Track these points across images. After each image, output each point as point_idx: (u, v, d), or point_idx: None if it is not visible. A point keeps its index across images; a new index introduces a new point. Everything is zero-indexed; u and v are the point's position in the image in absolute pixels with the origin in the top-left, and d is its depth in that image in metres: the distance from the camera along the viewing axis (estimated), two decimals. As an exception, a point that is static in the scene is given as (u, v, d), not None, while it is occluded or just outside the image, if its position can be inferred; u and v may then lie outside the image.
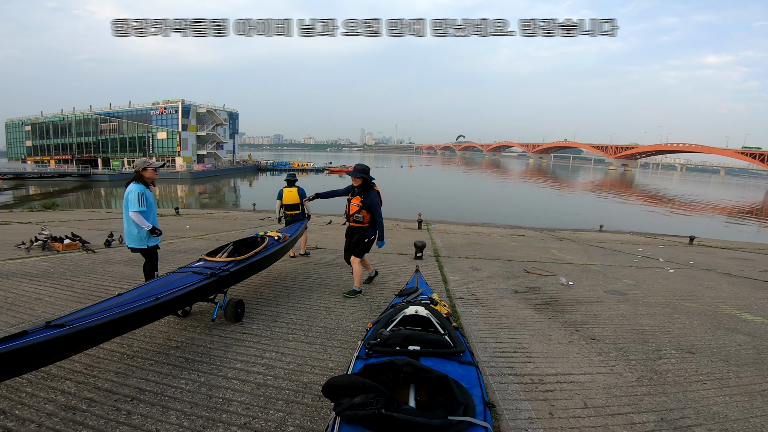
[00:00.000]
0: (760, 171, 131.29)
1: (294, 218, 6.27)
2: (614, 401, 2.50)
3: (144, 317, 2.63)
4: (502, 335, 3.55)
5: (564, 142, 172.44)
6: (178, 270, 3.43)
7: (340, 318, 3.78)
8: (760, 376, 2.94)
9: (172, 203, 26.74)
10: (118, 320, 2.41)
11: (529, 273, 6.26)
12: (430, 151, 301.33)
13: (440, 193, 37.71)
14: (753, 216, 34.32)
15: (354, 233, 4.63)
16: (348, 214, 4.57)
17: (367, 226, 4.52)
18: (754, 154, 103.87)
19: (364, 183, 4.47)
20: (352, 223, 4.54)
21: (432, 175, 69.37)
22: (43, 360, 2.12)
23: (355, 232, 4.61)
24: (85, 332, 2.21)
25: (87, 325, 2.23)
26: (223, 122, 59.06)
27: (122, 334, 2.66)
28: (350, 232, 4.70)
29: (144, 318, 2.65)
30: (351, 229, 4.66)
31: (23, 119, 63.56)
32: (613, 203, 37.87)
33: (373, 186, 4.54)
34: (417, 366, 1.68)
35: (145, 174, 3.82)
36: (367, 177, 4.46)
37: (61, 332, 2.10)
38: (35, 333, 2.05)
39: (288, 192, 6.21)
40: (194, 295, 3.10)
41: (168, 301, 2.78)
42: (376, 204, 4.48)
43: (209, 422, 2.11)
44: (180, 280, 3.09)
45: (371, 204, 4.44)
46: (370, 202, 4.44)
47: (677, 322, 4.14)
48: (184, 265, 3.61)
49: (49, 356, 2.14)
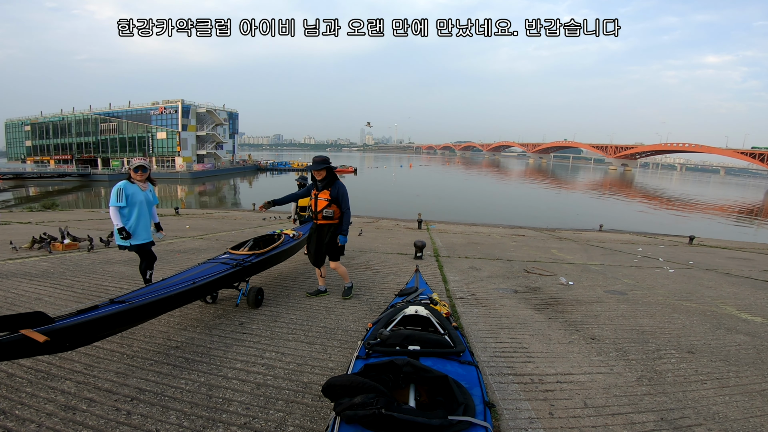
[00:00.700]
0: (759, 171, 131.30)
1: (308, 218, 6.59)
2: (614, 401, 2.50)
3: (184, 298, 3.09)
4: (501, 335, 3.55)
5: (564, 142, 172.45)
6: (207, 261, 3.89)
7: (340, 318, 3.78)
8: (760, 375, 2.94)
9: (172, 203, 26.73)
10: (166, 299, 2.83)
11: (529, 273, 6.27)
12: (430, 151, 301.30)
13: (440, 193, 37.72)
14: (753, 216, 34.33)
15: (324, 233, 4.23)
16: (315, 211, 4.21)
17: (338, 222, 4.20)
18: (753, 154, 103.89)
19: (328, 174, 4.15)
20: (321, 220, 4.19)
21: (432, 174, 69.38)
22: (109, 330, 2.51)
23: (325, 232, 4.22)
24: (141, 308, 2.62)
25: (143, 302, 2.64)
26: (223, 122, 59.04)
27: (168, 311, 3.10)
28: (319, 232, 4.26)
29: (184, 299, 3.10)
30: (320, 228, 4.25)
31: (23, 119, 63.51)
32: (613, 203, 37.88)
33: (337, 177, 4.21)
34: (417, 366, 1.67)
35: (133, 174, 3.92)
36: (330, 167, 4.15)
37: (123, 307, 2.50)
38: (104, 307, 2.45)
39: None
40: (222, 281, 3.57)
41: (202, 285, 3.25)
42: (346, 195, 4.17)
43: (209, 422, 2.11)
44: (211, 269, 3.55)
45: (340, 196, 4.12)
46: (338, 193, 4.11)
47: (677, 321, 4.14)
48: (212, 257, 4.10)
49: (114, 327, 2.54)
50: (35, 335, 1.97)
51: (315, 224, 4.28)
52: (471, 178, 65.44)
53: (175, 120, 52.72)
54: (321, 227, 4.24)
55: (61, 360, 2.69)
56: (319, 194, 4.15)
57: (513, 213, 25.62)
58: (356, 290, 4.75)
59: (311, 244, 4.32)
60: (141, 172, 3.92)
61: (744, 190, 70.48)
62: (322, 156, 4.19)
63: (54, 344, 2.09)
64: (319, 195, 4.15)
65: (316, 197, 4.18)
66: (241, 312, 3.81)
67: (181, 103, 52.63)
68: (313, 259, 4.35)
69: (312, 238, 4.32)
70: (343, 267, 4.41)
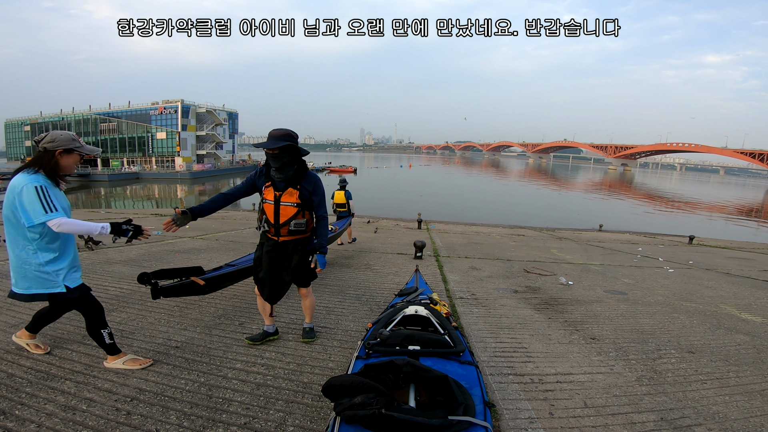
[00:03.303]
0: (759, 170, 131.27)
1: (341, 214, 7.89)
2: (614, 401, 2.50)
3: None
4: (501, 335, 3.55)
5: (563, 142, 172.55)
6: None
7: (340, 318, 3.78)
8: (760, 375, 2.94)
9: (172, 203, 26.71)
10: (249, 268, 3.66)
11: (529, 273, 6.27)
12: (430, 151, 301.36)
13: (440, 192, 37.73)
14: (753, 215, 34.34)
15: (288, 253, 2.83)
16: (277, 223, 2.74)
17: (309, 235, 2.87)
18: (753, 154, 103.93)
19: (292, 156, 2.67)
20: (286, 236, 2.78)
21: (432, 174, 69.39)
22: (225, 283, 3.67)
23: (289, 251, 2.83)
24: (240, 271, 3.75)
25: (241, 266, 3.81)
26: (223, 122, 59.03)
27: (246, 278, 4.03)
28: (277, 252, 2.82)
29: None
30: (281, 247, 2.81)
31: (22, 119, 63.51)
32: (613, 203, 37.89)
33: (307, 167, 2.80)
34: (417, 366, 1.68)
35: None
36: (295, 144, 2.70)
37: (233, 269, 3.72)
38: (226, 267, 3.77)
39: (338, 194, 7.88)
40: None
41: None
42: (323, 193, 2.86)
43: (209, 422, 2.11)
44: None
45: (317, 195, 2.79)
46: (315, 190, 2.77)
47: (677, 321, 4.14)
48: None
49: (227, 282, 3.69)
50: (198, 281, 3.14)
51: (273, 241, 2.83)
52: (471, 177, 65.44)
53: (174, 120, 52.70)
54: (284, 246, 2.82)
55: (61, 360, 2.69)
56: (283, 194, 2.72)
57: (513, 213, 25.63)
58: (356, 290, 4.75)
59: (262, 269, 2.87)
60: None
61: (744, 190, 70.49)
62: (284, 129, 2.68)
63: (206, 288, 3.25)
64: (283, 195, 2.72)
65: (277, 202, 2.73)
66: (241, 312, 3.81)
67: (181, 103, 52.62)
68: (267, 291, 2.91)
69: (263, 260, 2.86)
70: (314, 297, 3.17)
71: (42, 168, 2.27)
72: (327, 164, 71.58)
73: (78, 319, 3.47)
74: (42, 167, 2.27)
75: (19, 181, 2.20)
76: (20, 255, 2.29)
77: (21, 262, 2.30)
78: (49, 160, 2.28)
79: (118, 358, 2.61)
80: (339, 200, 7.88)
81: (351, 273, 5.66)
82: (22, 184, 2.18)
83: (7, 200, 2.23)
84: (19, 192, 2.18)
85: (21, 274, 2.32)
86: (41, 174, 2.25)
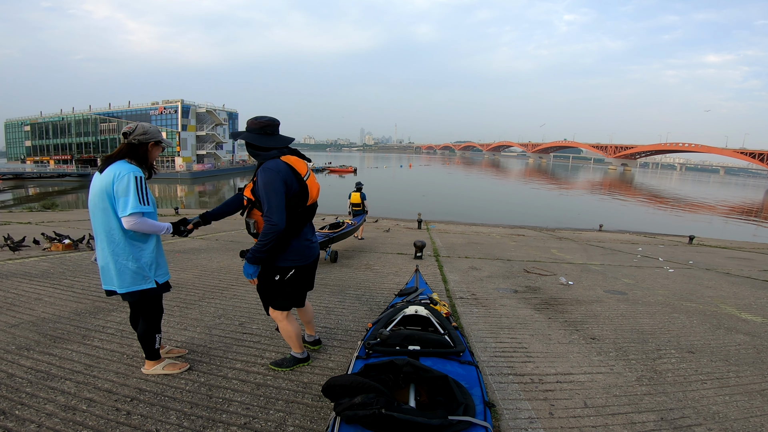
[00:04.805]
0: (759, 170, 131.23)
1: (357, 213, 9.07)
2: (614, 401, 2.50)
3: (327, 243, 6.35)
4: (501, 335, 3.55)
5: (563, 142, 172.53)
6: (317, 233, 5.82)
7: (340, 318, 3.78)
8: (760, 375, 2.94)
9: (172, 203, 26.71)
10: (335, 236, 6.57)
11: (529, 273, 6.27)
12: (430, 151, 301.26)
13: (440, 192, 37.72)
14: (753, 215, 34.34)
15: None
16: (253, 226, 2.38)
17: None
18: (753, 154, 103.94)
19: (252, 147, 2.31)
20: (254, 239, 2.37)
21: (431, 174, 69.37)
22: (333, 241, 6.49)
23: None
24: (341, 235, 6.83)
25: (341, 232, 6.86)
26: (223, 122, 59.04)
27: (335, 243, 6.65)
28: None
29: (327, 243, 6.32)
30: None
31: (22, 119, 63.51)
32: (613, 203, 37.89)
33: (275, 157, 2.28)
34: (417, 366, 1.67)
35: None
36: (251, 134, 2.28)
37: (338, 233, 6.80)
38: (334, 232, 6.73)
39: (354, 195, 9.05)
40: (325, 243, 6.16)
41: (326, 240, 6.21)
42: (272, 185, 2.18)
43: (209, 422, 2.11)
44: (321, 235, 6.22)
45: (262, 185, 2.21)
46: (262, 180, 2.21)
47: (677, 321, 4.14)
48: None
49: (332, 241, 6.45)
50: None
51: None
52: (471, 177, 65.44)
53: (174, 120, 52.72)
54: None
55: (61, 360, 2.69)
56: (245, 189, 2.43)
57: (513, 213, 25.62)
58: (356, 290, 4.75)
59: None
60: None
61: (744, 190, 70.48)
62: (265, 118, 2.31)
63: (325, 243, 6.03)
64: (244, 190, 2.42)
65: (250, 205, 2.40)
66: (241, 312, 3.81)
67: (181, 103, 52.64)
68: None
69: None
70: (289, 325, 2.55)
71: (136, 160, 2.25)
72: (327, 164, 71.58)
73: (78, 319, 3.47)
74: (137, 159, 2.25)
75: (119, 169, 2.13)
76: (114, 250, 2.20)
77: (115, 257, 2.21)
78: (144, 153, 2.27)
79: (157, 364, 2.55)
80: (355, 200, 8.95)
81: (351, 273, 5.67)
82: (123, 173, 2.12)
83: (99, 188, 2.16)
84: (119, 179, 2.11)
85: (117, 270, 2.23)
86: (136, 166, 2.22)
